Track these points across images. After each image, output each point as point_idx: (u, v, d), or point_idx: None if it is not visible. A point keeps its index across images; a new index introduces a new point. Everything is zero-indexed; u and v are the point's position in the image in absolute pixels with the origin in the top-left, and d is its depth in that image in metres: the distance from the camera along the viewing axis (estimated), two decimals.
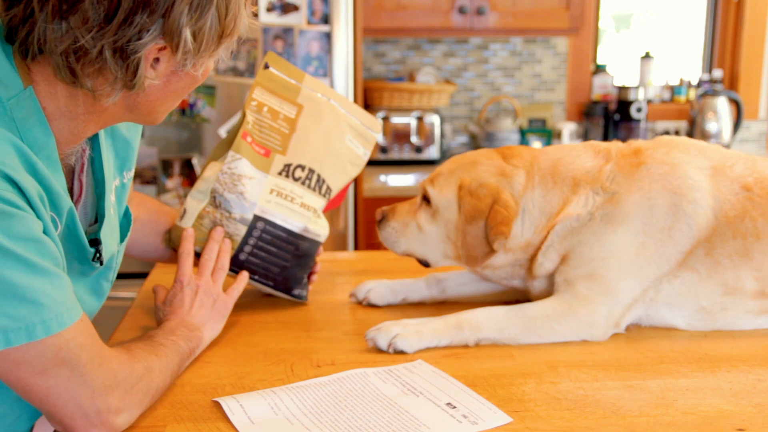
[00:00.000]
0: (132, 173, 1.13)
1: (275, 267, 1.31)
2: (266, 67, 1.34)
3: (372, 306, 1.38)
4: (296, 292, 1.36)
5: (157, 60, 0.88)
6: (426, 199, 1.31)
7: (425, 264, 1.35)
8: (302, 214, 1.30)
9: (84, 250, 0.98)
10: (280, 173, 1.30)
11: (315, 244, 1.34)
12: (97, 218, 1.03)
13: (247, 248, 1.27)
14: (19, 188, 0.82)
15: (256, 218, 1.27)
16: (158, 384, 0.97)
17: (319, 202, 1.34)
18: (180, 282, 1.19)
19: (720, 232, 1.20)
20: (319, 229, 1.33)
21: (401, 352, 1.15)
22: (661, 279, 1.21)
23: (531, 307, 1.20)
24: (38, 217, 0.84)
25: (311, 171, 1.33)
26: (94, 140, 1.01)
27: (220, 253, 1.24)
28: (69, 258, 0.96)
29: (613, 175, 1.23)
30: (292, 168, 1.31)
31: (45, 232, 0.84)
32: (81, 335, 0.85)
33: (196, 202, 1.27)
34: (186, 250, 1.22)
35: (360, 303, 1.39)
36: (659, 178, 1.21)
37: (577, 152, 1.28)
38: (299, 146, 1.33)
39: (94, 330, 0.89)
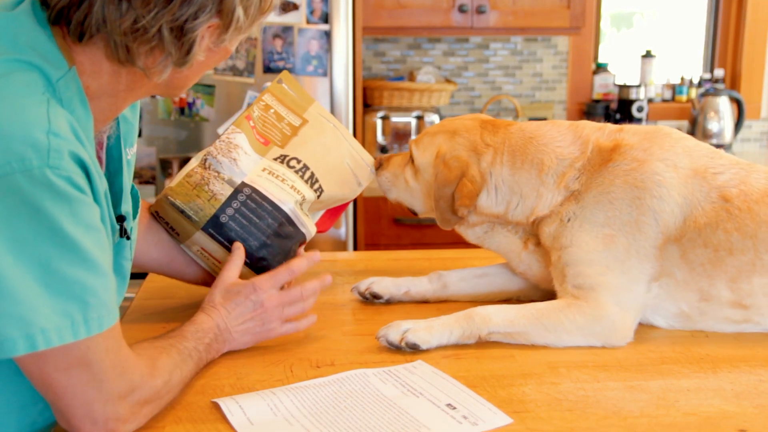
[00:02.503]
0: (134, 149, 1.13)
1: (254, 240, 1.24)
2: (279, 82, 1.37)
3: (374, 296, 1.37)
4: None
5: (202, 37, 0.89)
6: (412, 157, 1.38)
7: (414, 213, 1.44)
8: (291, 195, 1.28)
9: (113, 228, 0.99)
10: (275, 159, 1.30)
11: (299, 233, 1.30)
12: (114, 194, 1.03)
13: (230, 210, 1.23)
14: (87, 173, 0.83)
15: (244, 184, 1.25)
16: (171, 397, 0.98)
17: (309, 194, 1.32)
18: (255, 288, 1.14)
19: (690, 237, 1.18)
20: (307, 222, 1.31)
21: (414, 347, 1.14)
22: (650, 275, 1.19)
23: (539, 303, 1.21)
24: (98, 203, 0.85)
25: (306, 166, 1.33)
26: (118, 124, 1.02)
27: (310, 294, 1.20)
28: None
29: (579, 174, 1.24)
30: (287, 158, 1.32)
31: (101, 219, 0.85)
32: (111, 340, 0.85)
33: (186, 167, 1.26)
34: (289, 266, 1.19)
35: (362, 295, 1.38)
36: (622, 174, 1.21)
37: (555, 133, 1.29)
38: (298, 146, 1.34)
39: (121, 335, 0.89)
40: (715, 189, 1.20)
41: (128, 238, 1.04)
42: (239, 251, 1.21)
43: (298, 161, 1.32)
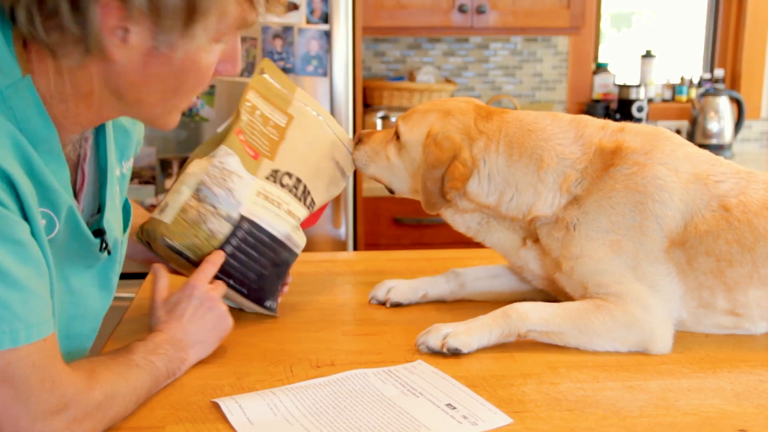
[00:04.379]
0: (131, 163, 1.10)
1: (253, 273, 1.24)
2: (261, 73, 1.34)
3: (396, 306, 1.36)
4: (268, 303, 1.29)
5: (127, 30, 0.82)
6: (397, 134, 1.35)
7: (390, 192, 1.41)
8: (288, 222, 1.26)
9: (88, 242, 0.97)
10: (267, 178, 1.27)
11: (293, 255, 1.29)
12: (100, 208, 1.01)
13: (229, 249, 1.20)
14: (13, 185, 0.80)
15: (242, 218, 1.21)
16: (118, 411, 0.92)
17: (303, 213, 1.31)
18: (192, 288, 1.11)
19: (692, 243, 1.17)
20: (300, 240, 1.30)
21: (456, 351, 1.13)
22: (666, 277, 1.18)
23: (571, 302, 1.20)
24: (27, 217, 0.82)
25: (298, 180, 1.31)
26: (99, 130, 0.99)
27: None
28: (70, 254, 0.94)
29: (581, 178, 1.22)
30: (280, 174, 1.28)
31: (33, 234, 0.82)
32: (38, 355, 0.81)
33: (177, 195, 1.20)
34: (213, 260, 1.17)
35: (383, 304, 1.37)
36: (624, 179, 1.19)
37: (557, 129, 1.26)
38: (287, 154, 1.31)
39: (57, 351, 0.85)
40: (715, 197, 1.18)
41: (109, 252, 1.01)
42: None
43: (290, 176, 1.29)
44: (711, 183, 1.20)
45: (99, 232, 0.98)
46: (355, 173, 1.57)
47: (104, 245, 0.99)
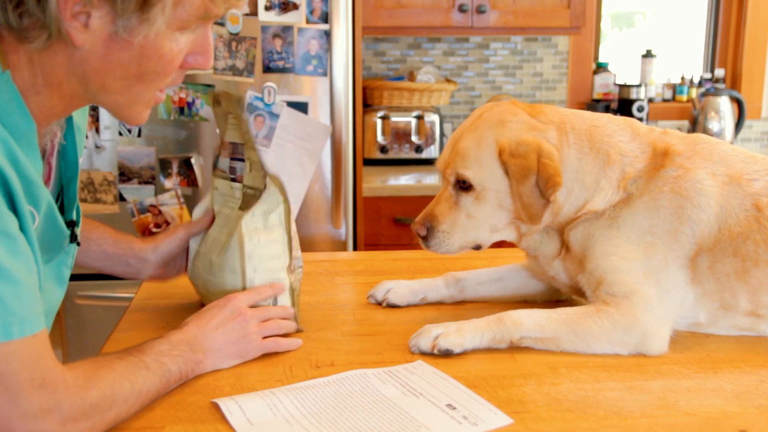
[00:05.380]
0: (80, 159, 1.09)
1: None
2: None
3: (392, 307, 1.36)
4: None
5: (88, 15, 0.83)
6: (462, 187, 1.22)
7: (477, 248, 1.27)
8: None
9: (60, 235, 0.97)
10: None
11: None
12: (63, 201, 1.01)
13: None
14: (3, 179, 0.80)
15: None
16: (118, 413, 0.91)
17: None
18: (228, 299, 1.13)
19: (722, 246, 1.17)
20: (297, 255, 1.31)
21: (447, 353, 1.13)
22: (682, 285, 1.18)
23: (569, 308, 1.19)
24: (17, 211, 0.82)
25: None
26: (67, 123, 0.99)
27: (289, 314, 1.20)
28: (48, 248, 0.95)
29: (637, 177, 1.21)
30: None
31: (22, 228, 0.82)
32: (28, 351, 0.80)
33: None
34: (261, 290, 1.18)
35: (380, 304, 1.37)
36: (671, 181, 1.19)
37: (615, 126, 1.25)
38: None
39: (48, 349, 0.84)
40: (749, 196, 1.19)
41: (78, 243, 1.02)
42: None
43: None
44: (745, 182, 1.20)
45: (71, 224, 0.99)
46: (355, 173, 1.55)
47: (74, 237, 1.00)
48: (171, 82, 0.93)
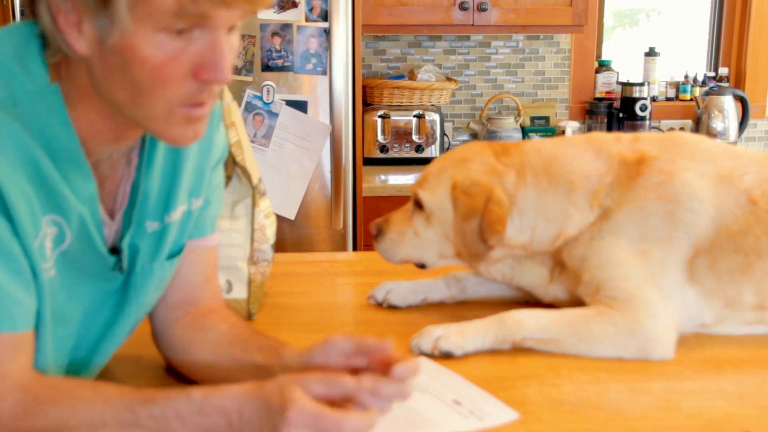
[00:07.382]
0: (200, 201, 1.03)
1: None
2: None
3: (392, 307, 1.35)
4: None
5: (81, 21, 0.79)
6: (418, 204, 1.27)
7: (422, 266, 1.32)
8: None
9: (101, 258, 0.92)
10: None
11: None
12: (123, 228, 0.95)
13: None
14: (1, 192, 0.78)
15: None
16: None
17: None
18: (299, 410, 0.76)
19: (721, 245, 1.16)
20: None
21: (448, 354, 1.11)
22: (681, 289, 1.17)
23: (572, 309, 1.18)
24: (9, 217, 0.80)
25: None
26: (150, 154, 0.95)
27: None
28: (83, 263, 0.91)
29: (610, 190, 1.20)
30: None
31: (16, 234, 0.80)
32: None
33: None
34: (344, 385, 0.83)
35: (380, 305, 1.35)
36: (654, 188, 1.17)
37: (576, 151, 1.24)
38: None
39: (14, 357, 0.80)
40: (742, 192, 1.17)
41: (122, 271, 0.95)
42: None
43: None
44: (736, 178, 1.19)
45: (115, 251, 0.94)
46: (355, 172, 1.55)
47: (119, 265, 0.94)
48: (193, 96, 0.82)
